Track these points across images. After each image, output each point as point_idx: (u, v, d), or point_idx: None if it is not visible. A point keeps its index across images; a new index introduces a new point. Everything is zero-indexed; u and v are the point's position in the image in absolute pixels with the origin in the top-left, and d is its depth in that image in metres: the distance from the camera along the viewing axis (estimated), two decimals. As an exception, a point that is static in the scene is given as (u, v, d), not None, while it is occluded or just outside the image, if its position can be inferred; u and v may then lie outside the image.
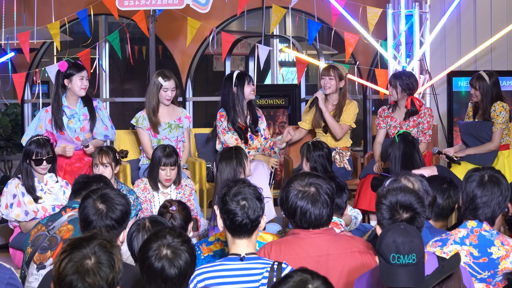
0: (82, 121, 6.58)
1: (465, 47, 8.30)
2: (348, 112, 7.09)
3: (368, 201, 6.58)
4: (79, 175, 5.09)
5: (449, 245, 3.81)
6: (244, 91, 6.80)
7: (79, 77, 6.53)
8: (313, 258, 3.57)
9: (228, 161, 5.56)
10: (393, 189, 3.61)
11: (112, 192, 3.72)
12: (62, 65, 6.59)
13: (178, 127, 6.82)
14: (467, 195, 3.90)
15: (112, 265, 2.59)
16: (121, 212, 3.67)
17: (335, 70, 7.10)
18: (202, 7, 7.68)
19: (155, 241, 3.01)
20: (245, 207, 3.39)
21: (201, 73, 11.93)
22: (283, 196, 3.64)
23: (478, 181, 3.89)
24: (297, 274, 2.63)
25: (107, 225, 3.62)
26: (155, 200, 5.89)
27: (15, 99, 10.08)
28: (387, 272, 3.15)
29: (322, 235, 3.61)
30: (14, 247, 5.94)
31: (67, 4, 9.25)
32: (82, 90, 6.55)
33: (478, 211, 3.87)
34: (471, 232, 3.85)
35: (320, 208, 3.58)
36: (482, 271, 3.79)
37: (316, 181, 3.62)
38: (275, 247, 3.63)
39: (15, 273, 3.51)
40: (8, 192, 5.91)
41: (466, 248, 3.81)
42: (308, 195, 3.58)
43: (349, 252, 3.62)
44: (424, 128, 6.85)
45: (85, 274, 2.56)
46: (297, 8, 8.41)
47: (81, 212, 3.70)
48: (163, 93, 6.73)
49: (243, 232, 3.41)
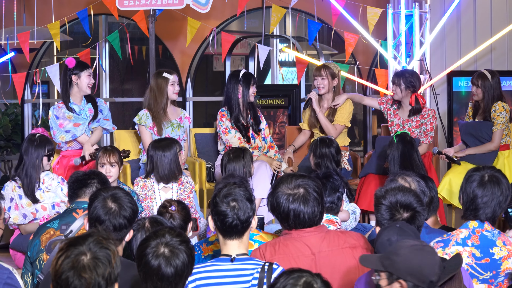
0: (88, 116, 6.63)
1: (465, 47, 8.30)
2: (342, 112, 7.08)
3: (368, 201, 6.58)
4: (73, 172, 5.06)
5: (451, 246, 3.81)
6: (248, 91, 6.81)
7: (86, 74, 6.59)
8: (307, 257, 3.60)
9: (237, 160, 5.62)
10: (392, 189, 3.61)
11: (121, 191, 3.72)
12: (70, 61, 6.61)
13: (179, 126, 6.83)
14: (467, 196, 3.89)
15: (109, 261, 2.59)
16: (131, 210, 3.67)
17: (326, 70, 7.09)
18: (202, 7, 7.68)
19: (154, 239, 3.01)
20: (235, 208, 3.40)
21: (201, 73, 11.93)
22: (273, 202, 3.66)
23: (478, 181, 3.88)
24: (295, 277, 2.63)
25: (120, 224, 3.61)
26: (156, 196, 5.88)
27: (15, 99, 10.07)
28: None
29: (314, 233, 3.64)
30: (14, 249, 5.93)
31: (67, 4, 9.25)
32: (89, 87, 6.62)
33: (479, 212, 3.86)
34: (473, 233, 3.84)
35: (312, 206, 3.60)
36: (484, 272, 3.78)
37: (303, 181, 3.64)
38: (269, 248, 3.66)
39: (15, 273, 3.50)
40: (5, 196, 5.89)
41: (468, 249, 3.80)
42: (299, 197, 3.60)
43: (340, 248, 3.65)
44: (427, 129, 6.84)
45: (81, 270, 2.56)
46: (297, 8, 8.41)
47: (91, 212, 3.68)
48: (171, 88, 6.75)
49: (233, 233, 3.42)
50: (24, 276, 4.43)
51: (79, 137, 6.56)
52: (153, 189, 5.93)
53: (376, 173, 6.69)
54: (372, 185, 6.64)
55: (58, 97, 11.26)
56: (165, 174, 5.81)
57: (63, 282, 2.57)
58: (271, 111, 9.25)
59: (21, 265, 5.09)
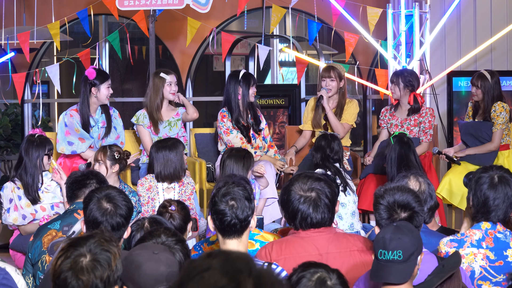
0: (100, 128, 6.63)
1: (465, 47, 8.30)
2: (350, 111, 7.08)
3: (368, 201, 6.58)
4: (70, 173, 5.06)
5: (465, 248, 3.79)
6: (248, 92, 6.80)
7: (106, 86, 6.57)
8: (313, 257, 3.56)
9: (238, 159, 5.61)
10: (390, 188, 3.61)
11: (114, 190, 3.72)
12: (90, 73, 6.57)
13: (176, 121, 6.83)
14: (478, 198, 3.85)
15: (108, 264, 2.57)
16: (127, 208, 3.67)
17: (335, 71, 7.09)
18: (202, 7, 7.67)
19: (150, 239, 3.01)
20: (233, 207, 3.39)
21: (201, 73, 11.93)
22: (284, 198, 3.65)
23: (488, 183, 3.85)
24: (310, 272, 2.63)
25: (118, 223, 3.62)
26: (160, 197, 5.88)
27: (15, 99, 10.07)
28: (375, 267, 3.18)
29: (322, 234, 3.62)
30: (14, 249, 5.93)
31: (67, 4, 9.24)
32: (108, 98, 6.62)
33: (491, 214, 3.83)
34: (486, 235, 3.82)
35: (322, 212, 3.59)
36: (497, 274, 3.77)
37: (318, 186, 3.62)
38: (276, 246, 3.64)
39: (18, 273, 3.48)
40: (4, 197, 5.87)
41: (482, 251, 3.79)
42: (310, 200, 3.58)
43: (348, 251, 3.63)
44: (426, 128, 6.85)
45: (79, 271, 2.55)
46: (297, 8, 8.40)
47: (88, 214, 3.67)
48: (168, 88, 6.76)
49: (232, 232, 3.41)
50: (25, 277, 4.38)
51: (85, 152, 6.53)
52: (157, 189, 5.94)
53: (376, 174, 6.69)
54: (372, 185, 6.64)
55: (58, 97, 11.26)
56: (170, 173, 5.83)
57: (61, 282, 2.57)
58: (271, 111, 9.25)
59: (21, 265, 5.08)
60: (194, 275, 1.90)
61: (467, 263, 3.77)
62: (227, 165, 5.60)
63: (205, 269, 1.89)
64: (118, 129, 6.75)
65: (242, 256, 1.93)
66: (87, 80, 6.55)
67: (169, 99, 6.81)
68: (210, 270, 1.88)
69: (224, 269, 1.89)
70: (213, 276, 1.87)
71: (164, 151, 5.84)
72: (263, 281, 1.89)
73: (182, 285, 1.90)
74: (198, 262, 1.93)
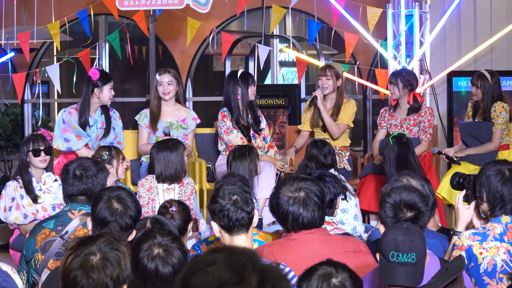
0: (98, 129, 6.63)
1: (465, 47, 8.30)
2: (346, 112, 7.08)
3: (368, 201, 6.58)
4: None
5: (489, 241, 3.82)
6: (247, 91, 6.81)
7: (109, 87, 6.57)
8: (305, 259, 3.53)
9: (242, 158, 5.63)
10: (397, 187, 3.60)
11: (123, 192, 3.73)
12: (94, 73, 6.57)
13: (180, 127, 6.82)
14: (494, 194, 3.89)
15: (118, 262, 2.58)
16: (136, 210, 3.68)
17: (331, 70, 7.09)
18: (202, 7, 7.67)
19: (146, 241, 3.01)
20: (237, 201, 3.40)
21: (201, 73, 11.93)
22: (274, 202, 3.65)
23: (501, 178, 3.89)
24: (322, 268, 2.64)
25: (127, 224, 3.62)
26: (160, 198, 5.88)
27: (15, 99, 10.08)
28: (385, 269, 3.15)
29: (313, 235, 3.61)
30: (14, 249, 5.93)
31: (67, 4, 9.25)
32: (110, 100, 6.62)
33: (507, 206, 3.87)
34: (507, 229, 3.85)
35: (312, 211, 3.58)
36: None
37: (305, 185, 3.62)
38: (267, 249, 3.64)
39: (15, 273, 3.48)
40: (6, 195, 5.88)
41: (505, 245, 3.82)
42: (299, 200, 3.58)
43: (342, 252, 3.61)
44: (425, 127, 6.85)
45: (89, 269, 2.56)
46: (297, 8, 8.41)
47: (97, 213, 3.67)
48: (159, 88, 6.79)
49: (241, 227, 3.40)
50: (19, 274, 4.38)
51: (80, 150, 6.53)
52: (157, 190, 5.95)
53: (376, 173, 6.69)
54: (372, 185, 6.65)
55: (58, 97, 11.27)
56: (171, 174, 5.84)
57: (71, 280, 2.57)
58: (271, 111, 9.25)
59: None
60: (198, 270, 1.90)
61: (490, 257, 3.79)
62: (234, 169, 5.64)
63: (209, 264, 1.90)
64: (116, 129, 6.74)
65: (247, 251, 1.94)
66: (90, 80, 6.55)
67: (163, 99, 6.83)
68: (215, 265, 1.89)
69: (228, 263, 1.89)
70: (217, 271, 1.88)
71: (164, 151, 5.84)
72: (267, 275, 1.90)
73: (186, 279, 1.91)
74: (202, 257, 1.94)
